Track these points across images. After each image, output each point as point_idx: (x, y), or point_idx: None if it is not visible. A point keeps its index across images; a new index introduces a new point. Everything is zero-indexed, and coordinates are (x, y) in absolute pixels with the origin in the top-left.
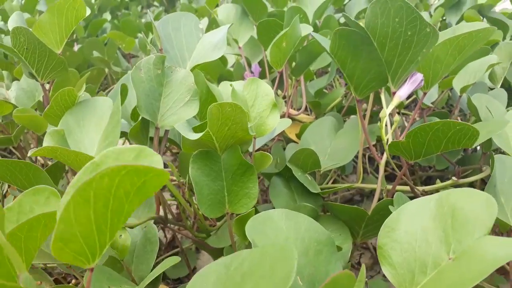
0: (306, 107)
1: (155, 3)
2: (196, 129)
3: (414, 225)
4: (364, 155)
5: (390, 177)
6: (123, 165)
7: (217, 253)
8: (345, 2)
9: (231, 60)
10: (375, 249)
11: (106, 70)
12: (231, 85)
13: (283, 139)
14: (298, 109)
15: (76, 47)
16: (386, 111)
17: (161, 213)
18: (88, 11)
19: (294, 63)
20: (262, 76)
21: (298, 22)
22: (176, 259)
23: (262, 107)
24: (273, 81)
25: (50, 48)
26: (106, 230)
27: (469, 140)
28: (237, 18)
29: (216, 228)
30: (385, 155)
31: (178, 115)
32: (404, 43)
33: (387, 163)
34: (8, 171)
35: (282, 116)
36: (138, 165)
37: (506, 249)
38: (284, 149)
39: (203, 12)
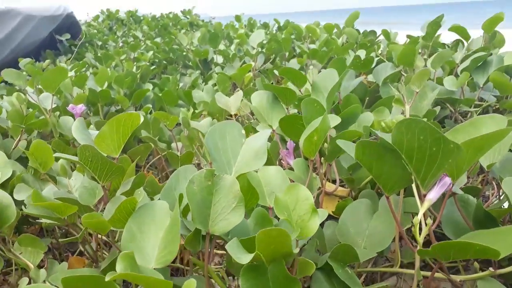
0: (341, 181)
1: (191, 64)
2: (244, 243)
3: None
4: None
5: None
6: None
7: None
8: (372, 66)
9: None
10: None
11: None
12: (276, 196)
13: None
14: (333, 181)
15: None
16: (418, 216)
17: None
18: (141, 119)
19: (326, 148)
20: (296, 149)
21: (327, 117)
22: None
23: (302, 211)
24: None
25: (111, 161)
26: None
27: (493, 255)
28: (269, 103)
29: None
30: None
31: (227, 221)
32: (430, 156)
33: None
34: (83, 283)
35: (318, 193)
36: None
37: None
38: (322, 225)
39: (236, 78)
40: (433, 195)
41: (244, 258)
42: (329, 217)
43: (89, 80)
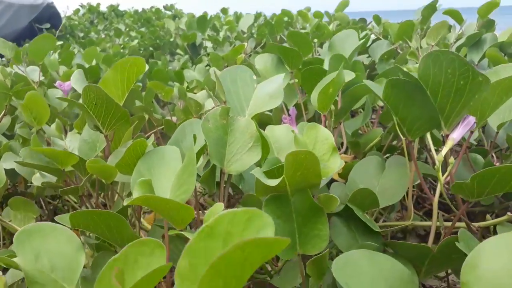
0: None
1: (178, 51)
2: (266, 174)
3: (496, 263)
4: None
5: (429, 214)
6: (255, 240)
7: None
8: (368, 45)
9: None
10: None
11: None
12: (293, 131)
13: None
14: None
15: None
16: (442, 154)
17: None
18: (146, 67)
19: (333, 111)
20: (298, 117)
21: (343, 70)
22: None
23: (322, 151)
24: (309, 121)
25: (117, 103)
26: None
27: None
28: (273, 66)
29: (278, 269)
30: (437, 193)
31: (243, 161)
32: (456, 91)
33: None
34: (92, 220)
35: None
36: (268, 239)
37: None
38: (328, 187)
39: (228, 59)
40: (456, 135)
41: (271, 181)
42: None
43: (75, 59)
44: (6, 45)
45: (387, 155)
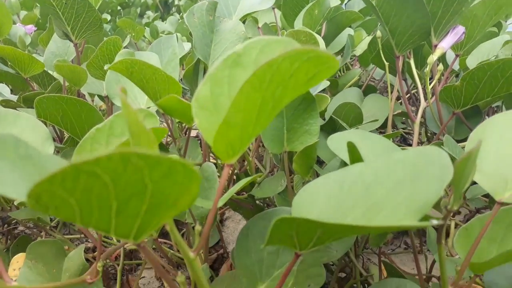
0: None
1: (147, 12)
2: None
3: (504, 137)
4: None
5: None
6: (307, 49)
7: (251, 214)
8: (345, 2)
9: None
10: None
11: None
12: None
13: None
14: None
15: None
16: (432, 58)
17: None
18: None
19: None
20: None
21: None
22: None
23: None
24: None
25: (90, 2)
26: (260, 121)
27: None
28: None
29: (259, 180)
30: (419, 116)
31: None
32: None
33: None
34: (60, 108)
35: None
36: (322, 53)
37: None
38: None
39: None
40: (445, 43)
41: None
42: None
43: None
44: None
45: None
